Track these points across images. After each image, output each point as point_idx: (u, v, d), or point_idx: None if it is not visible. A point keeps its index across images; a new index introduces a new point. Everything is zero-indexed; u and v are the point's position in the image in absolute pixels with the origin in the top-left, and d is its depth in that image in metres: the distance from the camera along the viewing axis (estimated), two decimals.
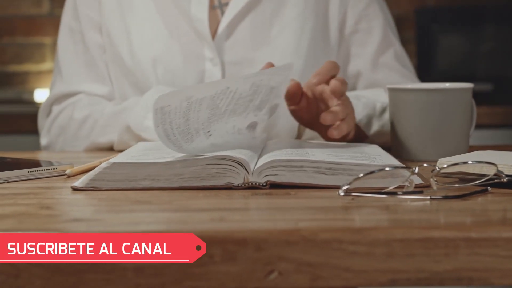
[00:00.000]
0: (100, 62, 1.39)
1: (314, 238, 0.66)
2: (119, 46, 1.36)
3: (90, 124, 1.32)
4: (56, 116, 1.38)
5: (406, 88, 1.08)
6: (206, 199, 0.81)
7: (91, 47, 1.38)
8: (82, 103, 1.36)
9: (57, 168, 0.96)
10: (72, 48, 1.39)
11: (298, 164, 0.86)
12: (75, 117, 1.35)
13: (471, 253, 0.66)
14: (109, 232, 0.66)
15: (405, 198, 0.79)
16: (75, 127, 1.34)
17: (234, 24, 1.35)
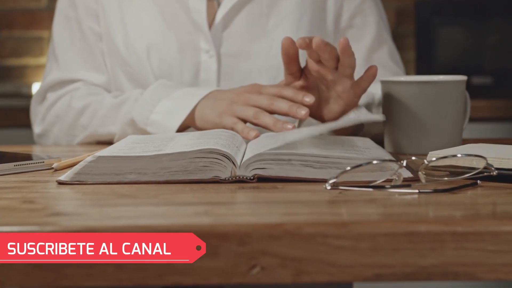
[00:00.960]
0: (97, 50, 1.37)
1: (298, 232, 0.65)
2: (115, 35, 1.35)
3: (89, 114, 1.31)
4: (52, 104, 1.36)
5: (399, 80, 1.07)
6: (192, 193, 0.80)
7: (88, 35, 1.37)
8: (81, 92, 1.34)
9: (44, 161, 0.95)
10: (69, 36, 1.38)
11: (286, 158, 0.85)
12: (74, 105, 1.33)
13: (457, 247, 0.65)
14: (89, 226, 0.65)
15: (393, 191, 0.78)
16: (73, 116, 1.33)
17: (231, 16, 1.34)
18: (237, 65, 1.34)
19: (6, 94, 2.59)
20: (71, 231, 0.65)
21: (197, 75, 1.33)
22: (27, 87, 2.66)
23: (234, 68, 1.34)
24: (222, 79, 1.34)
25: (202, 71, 1.33)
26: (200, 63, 1.33)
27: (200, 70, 1.33)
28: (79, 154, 1.03)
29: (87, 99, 1.32)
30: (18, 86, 2.68)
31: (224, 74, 1.34)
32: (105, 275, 0.65)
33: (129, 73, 1.35)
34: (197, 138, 0.97)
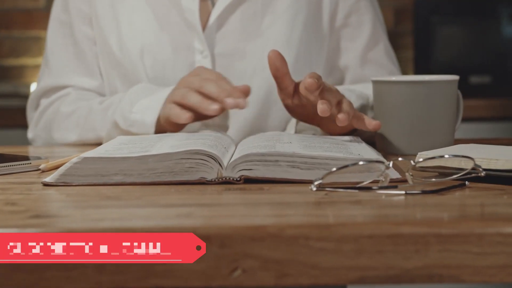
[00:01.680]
0: (89, 55, 1.37)
1: (280, 234, 0.64)
2: (109, 37, 1.34)
3: (76, 119, 1.31)
4: (44, 110, 1.37)
5: (390, 80, 1.06)
6: (177, 195, 0.79)
7: (80, 40, 1.37)
8: (70, 98, 1.35)
9: (31, 163, 0.95)
10: (61, 41, 1.38)
11: (272, 159, 0.84)
12: (62, 110, 1.34)
13: (442, 249, 0.64)
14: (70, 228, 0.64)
15: (380, 193, 0.77)
16: (60, 120, 1.33)
17: (225, 16, 1.33)
18: (231, 65, 1.33)
19: (4, 94, 2.59)
20: (51, 232, 0.64)
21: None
22: (25, 87, 2.65)
23: (228, 68, 1.33)
24: None
25: None
26: (194, 63, 1.33)
27: None
28: (67, 155, 1.02)
29: (75, 104, 1.33)
30: (16, 86, 2.68)
31: None
32: (85, 277, 0.64)
33: (123, 75, 1.34)
34: (185, 139, 0.96)
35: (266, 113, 1.34)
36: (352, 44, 1.39)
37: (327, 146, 0.93)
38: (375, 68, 1.39)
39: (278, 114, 1.33)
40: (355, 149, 0.92)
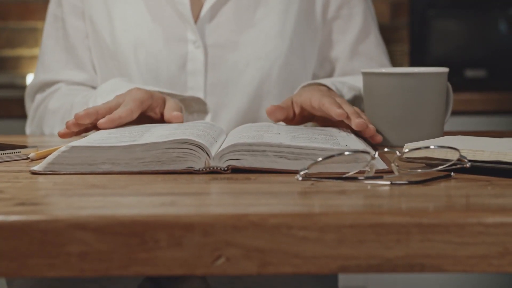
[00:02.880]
0: (80, 48, 1.38)
1: (263, 223, 0.65)
2: (102, 31, 1.35)
3: (61, 114, 1.34)
4: (38, 106, 1.40)
5: (379, 72, 1.06)
6: (164, 184, 0.80)
7: (72, 34, 1.38)
8: (59, 93, 1.38)
9: (20, 151, 0.95)
10: (54, 35, 1.40)
11: (260, 149, 0.84)
12: (49, 107, 1.37)
13: (423, 239, 0.65)
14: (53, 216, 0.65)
15: (366, 183, 0.78)
16: (48, 116, 1.37)
17: (218, 7, 1.34)
18: (224, 56, 1.34)
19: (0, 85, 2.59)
20: (34, 220, 0.64)
21: (184, 66, 1.33)
22: (21, 78, 2.65)
23: (221, 59, 1.34)
24: (210, 70, 1.34)
25: (189, 62, 1.33)
26: (187, 54, 1.33)
27: (187, 61, 1.33)
28: (59, 144, 1.02)
29: (63, 99, 1.35)
30: (13, 77, 2.68)
31: (212, 65, 1.34)
32: (68, 265, 0.64)
33: (116, 68, 1.35)
34: (174, 128, 0.96)
35: (259, 104, 1.34)
36: (343, 36, 1.39)
37: (315, 137, 0.93)
38: (365, 61, 1.40)
39: (270, 104, 1.34)
40: (343, 140, 0.92)
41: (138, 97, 1.09)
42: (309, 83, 1.22)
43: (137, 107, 1.07)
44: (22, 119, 2.33)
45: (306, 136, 0.92)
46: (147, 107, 1.11)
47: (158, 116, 1.14)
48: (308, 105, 1.09)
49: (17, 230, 0.64)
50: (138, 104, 1.08)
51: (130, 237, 0.64)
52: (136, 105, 1.07)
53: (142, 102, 1.09)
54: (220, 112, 1.34)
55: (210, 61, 1.34)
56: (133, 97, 1.09)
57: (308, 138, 0.91)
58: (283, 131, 0.97)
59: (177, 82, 1.33)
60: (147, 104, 1.11)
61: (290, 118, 1.13)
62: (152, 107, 1.12)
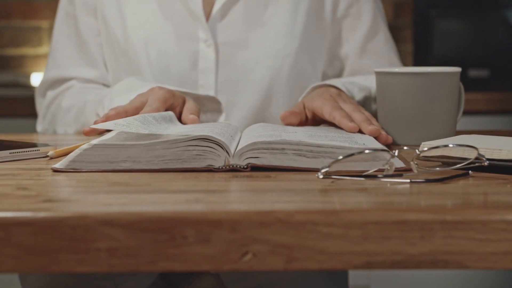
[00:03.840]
0: (92, 45, 1.39)
1: (289, 220, 0.66)
2: (114, 28, 1.36)
3: (74, 113, 1.35)
4: (50, 104, 1.41)
5: (393, 71, 1.07)
6: (185, 181, 0.81)
7: (84, 31, 1.39)
8: (72, 91, 1.38)
9: (39, 149, 0.96)
10: (66, 32, 1.41)
11: (279, 147, 0.85)
12: (62, 105, 1.38)
13: (447, 236, 0.66)
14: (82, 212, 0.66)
15: (385, 181, 0.79)
16: (61, 115, 1.37)
17: (229, 5, 1.35)
18: (235, 54, 1.35)
19: (4, 83, 2.59)
20: (64, 217, 0.65)
21: (196, 64, 1.34)
22: (25, 77, 2.66)
23: (232, 57, 1.35)
24: (220, 68, 1.35)
25: (200, 60, 1.34)
26: (198, 52, 1.34)
27: (198, 59, 1.34)
28: (74, 142, 1.03)
29: (75, 98, 1.36)
30: (17, 76, 2.68)
31: (222, 63, 1.35)
32: (98, 261, 0.65)
33: (127, 65, 1.36)
34: (192, 127, 0.97)
35: (269, 102, 1.35)
36: (352, 34, 1.41)
37: (332, 135, 0.94)
38: (374, 59, 1.41)
39: (280, 103, 1.35)
40: (360, 139, 0.93)
41: (162, 96, 1.10)
42: (320, 84, 1.23)
43: (162, 107, 1.09)
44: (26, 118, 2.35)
45: (323, 135, 0.94)
46: (169, 106, 1.12)
47: (177, 116, 1.15)
48: (320, 113, 1.10)
49: (46, 226, 0.65)
50: (162, 104, 1.09)
51: (159, 233, 0.65)
52: (160, 104, 1.09)
53: (165, 101, 1.10)
54: (231, 110, 1.35)
55: (221, 60, 1.35)
56: (157, 97, 1.10)
57: (326, 136, 0.92)
58: (299, 130, 0.98)
59: (187, 80, 1.34)
60: (170, 103, 1.12)
61: (302, 122, 1.14)
62: (173, 106, 1.14)
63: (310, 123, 1.14)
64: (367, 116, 1.05)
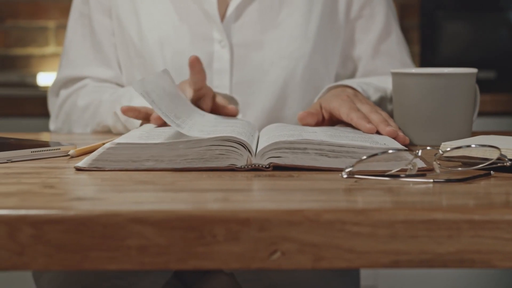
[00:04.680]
0: (107, 45, 1.40)
1: (317, 218, 0.66)
2: (128, 28, 1.37)
3: (91, 112, 1.35)
4: (63, 102, 1.41)
5: (409, 72, 1.08)
6: (209, 180, 0.81)
7: (99, 31, 1.40)
8: (87, 90, 1.38)
9: (60, 148, 0.96)
10: (80, 32, 1.41)
11: (301, 146, 0.86)
12: (78, 104, 1.38)
13: (474, 235, 0.67)
14: (113, 211, 0.66)
15: (408, 181, 0.79)
16: (77, 114, 1.38)
17: (243, 6, 1.35)
18: (249, 55, 1.36)
19: (10, 83, 2.60)
20: (95, 215, 0.66)
21: (210, 65, 1.34)
22: (31, 76, 2.66)
23: (246, 58, 1.36)
24: (235, 69, 1.36)
25: (215, 61, 1.35)
26: (213, 53, 1.35)
27: (213, 60, 1.35)
28: (88, 142, 1.04)
29: (90, 97, 1.36)
30: (23, 76, 2.69)
31: (237, 64, 1.35)
32: (128, 258, 0.66)
33: (142, 66, 1.37)
34: (213, 125, 0.98)
35: (283, 103, 1.36)
36: (365, 35, 1.41)
37: (352, 135, 0.95)
38: (387, 59, 1.42)
39: (294, 104, 1.36)
40: (380, 140, 0.94)
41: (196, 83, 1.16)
42: (335, 84, 1.23)
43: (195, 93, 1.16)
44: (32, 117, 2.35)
45: (343, 135, 0.94)
46: (203, 93, 1.17)
47: (208, 108, 1.17)
48: (337, 114, 1.11)
49: (78, 224, 0.66)
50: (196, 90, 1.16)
51: (188, 231, 0.66)
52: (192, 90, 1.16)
53: (200, 88, 1.15)
54: (245, 111, 1.36)
55: (236, 60, 1.36)
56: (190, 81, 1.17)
57: (346, 136, 0.93)
58: (319, 130, 0.98)
59: None
60: (202, 86, 1.17)
61: (319, 123, 1.15)
62: (206, 94, 1.16)
63: (326, 123, 1.15)
64: (384, 117, 1.06)
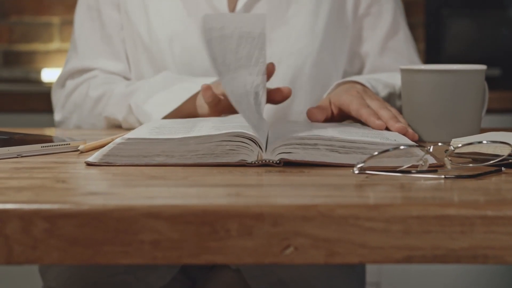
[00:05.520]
0: (116, 39, 1.39)
1: (330, 214, 0.66)
2: (137, 24, 1.37)
3: (104, 103, 1.33)
4: (71, 93, 1.39)
5: (419, 69, 1.08)
6: (221, 176, 0.81)
7: (108, 24, 1.39)
8: (97, 81, 1.37)
9: (70, 143, 0.96)
10: (89, 25, 1.40)
11: (311, 142, 0.86)
12: (90, 95, 1.36)
13: (487, 231, 0.66)
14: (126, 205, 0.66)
15: (419, 177, 0.79)
16: (90, 105, 1.36)
17: (252, 3, 1.35)
18: None
19: (15, 79, 2.60)
20: (109, 209, 0.66)
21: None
22: (36, 72, 2.66)
23: None
24: None
25: None
26: None
27: None
28: (96, 137, 1.04)
29: (103, 88, 1.35)
30: (27, 72, 2.69)
31: None
32: (141, 253, 0.66)
33: (150, 60, 1.36)
34: (221, 122, 0.98)
35: (291, 99, 1.36)
36: (373, 32, 1.41)
37: (362, 131, 0.95)
38: (394, 57, 1.41)
39: (302, 100, 1.36)
40: (390, 136, 0.94)
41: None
42: (344, 80, 1.23)
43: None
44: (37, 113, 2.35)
45: (353, 131, 0.94)
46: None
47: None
48: (347, 110, 1.11)
49: (91, 218, 0.66)
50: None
51: (202, 226, 0.66)
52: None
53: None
54: None
55: None
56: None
57: (356, 132, 0.93)
58: (329, 126, 0.98)
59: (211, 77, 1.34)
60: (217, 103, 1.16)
61: (328, 119, 1.15)
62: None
63: (336, 119, 1.15)
64: (394, 113, 1.06)
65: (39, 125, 2.09)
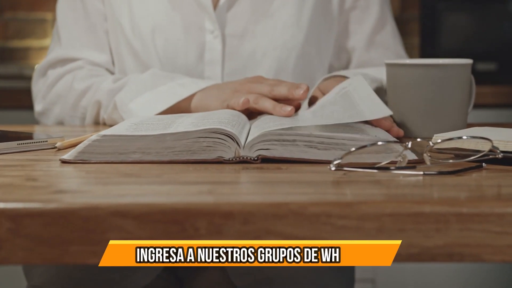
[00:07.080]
0: (100, 29, 1.37)
1: (302, 211, 0.65)
2: (121, 16, 1.35)
3: (90, 96, 1.30)
4: (54, 83, 1.35)
5: (404, 63, 1.06)
6: (196, 173, 0.80)
7: (92, 14, 1.36)
8: (83, 73, 1.33)
9: (47, 141, 0.95)
10: (72, 15, 1.37)
11: (290, 138, 0.85)
12: (76, 87, 1.32)
13: (462, 228, 0.65)
14: (94, 203, 0.65)
15: (398, 173, 0.78)
16: (74, 97, 1.32)
17: None
18: (241, 45, 1.34)
19: (9, 75, 2.59)
20: (76, 208, 0.64)
21: (202, 55, 1.33)
22: (30, 69, 2.65)
23: (239, 49, 1.34)
24: (227, 60, 1.34)
25: (207, 52, 1.33)
26: (205, 43, 1.33)
27: (204, 51, 1.33)
28: (81, 134, 1.02)
29: (89, 80, 1.32)
30: (21, 68, 2.67)
31: (229, 54, 1.34)
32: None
33: (133, 53, 1.34)
34: (202, 118, 0.97)
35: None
36: (360, 26, 1.40)
37: (342, 126, 0.93)
38: (381, 51, 1.40)
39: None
40: (371, 131, 0.93)
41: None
42: (332, 75, 1.22)
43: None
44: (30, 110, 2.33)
45: (333, 127, 0.93)
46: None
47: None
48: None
49: (58, 217, 0.64)
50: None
51: (170, 224, 0.65)
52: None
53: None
54: None
55: (228, 51, 1.34)
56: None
57: (336, 128, 0.92)
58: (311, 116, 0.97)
59: (194, 71, 1.33)
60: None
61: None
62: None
63: None
64: None
65: (34, 122, 2.07)
